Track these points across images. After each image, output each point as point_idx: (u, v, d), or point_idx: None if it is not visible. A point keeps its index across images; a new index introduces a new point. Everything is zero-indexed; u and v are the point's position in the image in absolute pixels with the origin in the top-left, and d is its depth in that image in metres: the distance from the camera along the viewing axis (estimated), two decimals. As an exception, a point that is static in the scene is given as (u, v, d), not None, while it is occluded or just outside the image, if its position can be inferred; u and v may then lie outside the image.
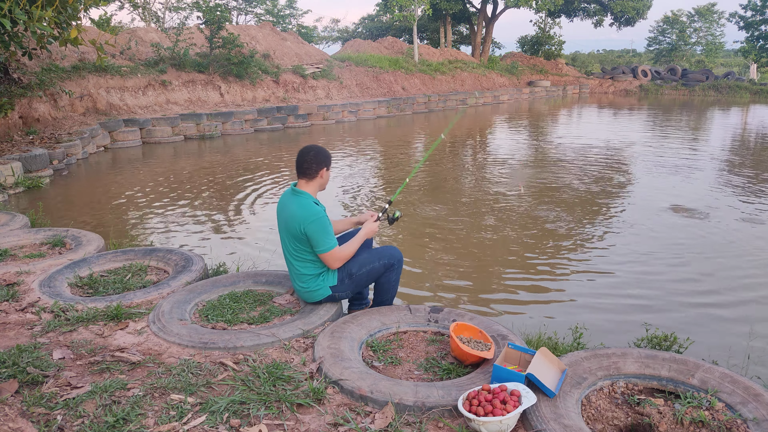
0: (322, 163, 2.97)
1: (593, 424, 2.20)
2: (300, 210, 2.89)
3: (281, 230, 3.05)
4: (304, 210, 2.88)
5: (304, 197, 2.95)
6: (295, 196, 2.97)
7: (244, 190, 7.85)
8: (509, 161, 10.32)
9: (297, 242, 2.95)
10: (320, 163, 2.96)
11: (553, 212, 6.63)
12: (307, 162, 2.95)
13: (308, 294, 3.07)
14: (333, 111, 17.13)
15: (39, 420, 2.08)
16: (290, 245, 2.99)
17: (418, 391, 2.26)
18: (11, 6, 5.79)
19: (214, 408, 2.17)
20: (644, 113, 19.92)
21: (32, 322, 2.96)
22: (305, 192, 2.97)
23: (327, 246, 2.90)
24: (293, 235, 2.93)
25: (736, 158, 10.58)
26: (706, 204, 6.95)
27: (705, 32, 45.39)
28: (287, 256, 3.06)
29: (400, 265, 3.14)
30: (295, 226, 2.89)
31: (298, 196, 2.96)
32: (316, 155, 2.96)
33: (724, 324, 3.86)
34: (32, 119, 10.26)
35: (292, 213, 2.91)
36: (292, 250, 3.00)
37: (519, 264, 4.96)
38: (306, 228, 2.86)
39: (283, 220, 2.99)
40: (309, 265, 3.00)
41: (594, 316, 3.95)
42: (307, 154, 2.96)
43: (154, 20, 23.56)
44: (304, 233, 2.88)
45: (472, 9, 31.50)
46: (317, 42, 39.07)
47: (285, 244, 3.05)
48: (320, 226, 2.86)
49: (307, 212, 2.87)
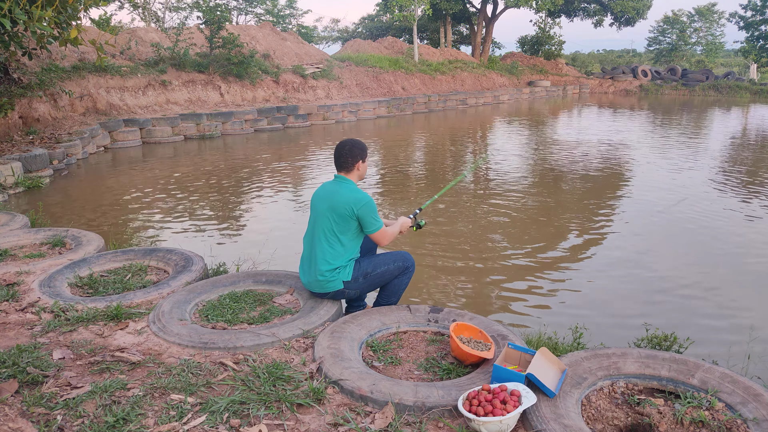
0: (357, 156, 3.10)
1: (593, 424, 2.20)
2: (352, 194, 3.04)
3: (320, 214, 3.10)
4: (356, 194, 3.04)
5: (350, 183, 3.12)
6: (341, 183, 3.12)
7: (244, 190, 7.85)
8: (509, 160, 10.32)
9: (343, 222, 3.03)
10: (355, 156, 3.09)
11: (553, 212, 6.63)
12: (343, 156, 3.10)
13: (319, 283, 3.09)
14: (333, 111, 17.12)
15: (39, 420, 2.08)
16: (332, 225, 3.05)
17: (418, 391, 2.26)
18: (11, 6, 5.78)
19: (214, 408, 2.17)
20: (644, 113, 19.91)
21: (32, 322, 2.96)
22: (350, 179, 3.13)
23: (378, 225, 3.06)
24: (341, 215, 3.02)
25: (736, 157, 10.57)
26: (706, 203, 6.95)
27: (705, 32, 45.40)
28: (317, 240, 3.09)
29: (413, 270, 3.23)
30: (346, 207, 3.00)
31: (344, 182, 3.12)
32: (351, 149, 3.10)
33: (724, 324, 3.86)
34: (32, 119, 10.26)
35: (343, 197, 3.03)
36: (330, 229, 3.05)
37: (519, 264, 4.96)
38: (359, 209, 2.99)
39: (330, 203, 3.07)
40: (337, 250, 3.05)
41: (594, 316, 3.95)
42: (343, 149, 3.11)
43: (154, 20, 23.55)
44: (356, 215, 3.01)
45: (472, 9, 31.49)
46: (317, 42, 39.07)
47: (321, 225, 3.08)
48: (372, 209, 3.03)
49: (360, 195, 3.03)
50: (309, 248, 3.16)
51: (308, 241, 3.18)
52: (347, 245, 3.07)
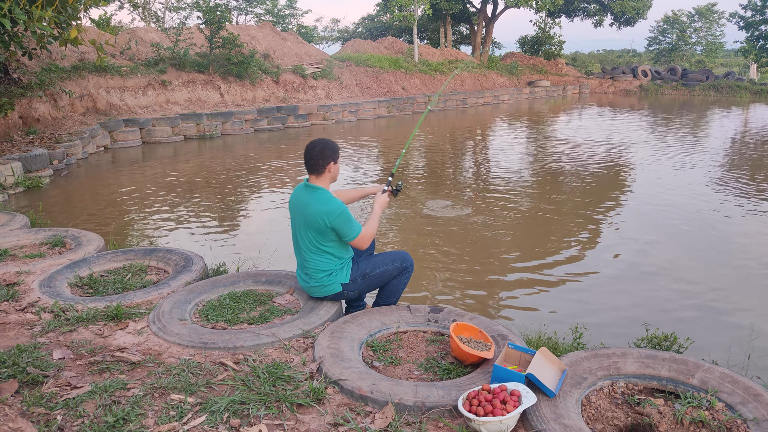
0: (328, 158, 2.93)
1: (593, 424, 2.20)
2: (322, 205, 2.89)
3: (298, 226, 3.02)
4: (326, 205, 2.88)
5: (320, 192, 2.94)
6: (310, 192, 2.95)
7: (244, 190, 7.85)
8: (510, 160, 10.32)
9: (320, 236, 2.94)
10: (326, 158, 2.93)
11: (553, 212, 6.63)
12: (314, 158, 2.93)
13: (316, 289, 3.07)
14: (333, 111, 17.12)
15: (39, 420, 2.08)
16: (312, 239, 2.96)
17: (418, 391, 2.26)
18: (11, 6, 5.78)
19: (214, 408, 2.17)
20: (644, 113, 19.91)
21: (32, 322, 2.96)
22: (320, 187, 2.96)
23: (355, 232, 2.92)
24: (317, 229, 2.92)
25: (737, 156, 10.57)
26: (707, 203, 6.95)
27: (705, 32, 45.41)
28: (304, 251, 3.03)
29: (411, 270, 3.18)
30: (319, 221, 2.89)
31: (313, 191, 2.95)
32: (321, 150, 2.92)
33: (724, 324, 3.86)
34: (32, 119, 10.26)
35: (314, 209, 2.90)
36: (311, 245, 2.98)
37: (519, 264, 4.95)
38: (332, 222, 2.87)
39: (303, 216, 2.97)
40: (328, 258, 2.99)
41: (594, 316, 3.95)
42: (313, 150, 2.93)
43: (154, 20, 23.56)
44: (330, 227, 2.89)
45: (472, 9, 31.50)
46: (317, 42, 39.08)
47: (303, 239, 3.01)
48: (345, 218, 2.88)
49: (331, 206, 2.88)
50: (299, 257, 3.10)
51: (297, 250, 3.10)
52: (336, 252, 3.00)
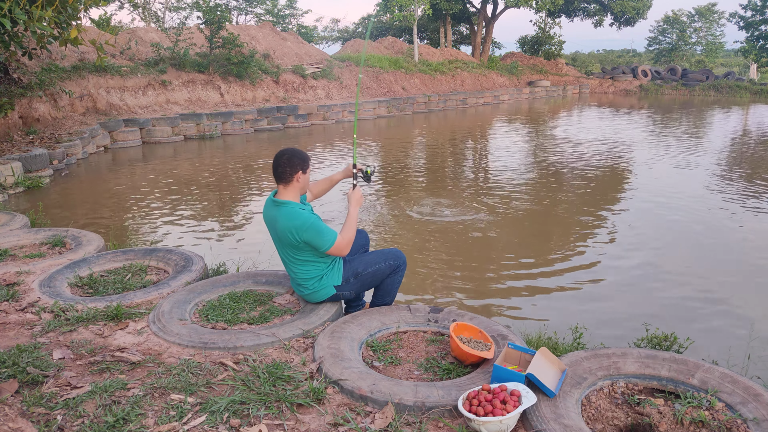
0: (296, 167, 2.86)
1: (593, 424, 2.20)
2: (289, 221, 2.83)
3: (275, 241, 3.02)
4: (293, 220, 2.82)
5: (287, 206, 2.87)
6: (278, 208, 2.89)
7: (244, 190, 7.85)
8: (510, 160, 10.32)
9: (296, 250, 2.92)
10: (294, 167, 2.86)
11: (553, 211, 6.63)
12: (281, 167, 2.86)
13: (310, 296, 3.07)
14: (333, 111, 17.13)
15: (39, 420, 2.08)
16: (289, 253, 2.96)
17: (418, 391, 2.26)
18: (11, 6, 5.78)
19: (214, 408, 2.17)
20: (644, 113, 19.91)
21: (32, 322, 2.96)
22: (286, 201, 2.89)
23: (329, 242, 2.83)
24: (290, 245, 2.90)
25: (736, 157, 10.57)
26: (707, 203, 6.95)
27: (705, 32, 45.41)
28: (287, 264, 3.04)
29: (405, 268, 3.16)
30: (290, 237, 2.85)
31: (280, 206, 2.88)
32: (289, 159, 2.85)
33: (724, 324, 3.86)
34: (32, 119, 10.26)
35: (283, 226, 2.85)
36: (291, 258, 2.98)
37: (519, 264, 4.95)
38: (302, 236, 2.82)
39: (275, 233, 2.94)
40: (310, 267, 2.99)
41: (594, 316, 3.95)
42: (280, 159, 2.86)
43: (154, 20, 23.56)
44: (301, 241, 2.85)
45: (472, 9, 31.50)
46: (317, 42, 39.07)
47: (282, 254, 3.03)
48: (316, 230, 2.80)
49: (298, 221, 2.81)
50: (287, 269, 3.08)
51: (282, 260, 3.07)
52: (319, 260, 2.97)
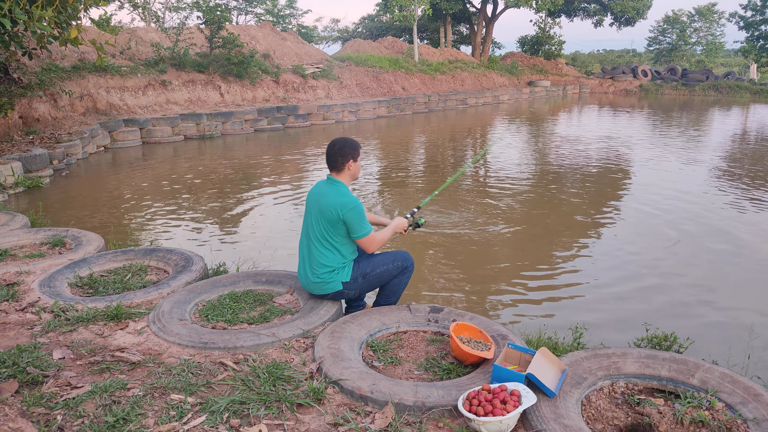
0: (348, 156, 3.02)
1: (593, 424, 2.20)
2: (339, 197, 2.97)
3: (312, 217, 3.08)
4: (343, 197, 2.97)
5: (340, 186, 3.04)
6: (331, 185, 3.05)
7: (244, 190, 7.85)
8: (510, 160, 10.32)
9: (331, 227, 3.00)
10: (346, 156, 3.02)
11: (553, 211, 6.63)
12: (334, 155, 3.03)
13: (317, 285, 3.08)
14: (333, 111, 17.12)
15: (39, 420, 2.08)
16: (322, 230, 3.02)
17: (418, 391, 2.26)
18: (11, 6, 5.78)
19: (214, 408, 2.17)
20: (645, 113, 19.91)
21: (32, 322, 2.96)
22: (340, 181, 3.05)
23: (364, 231, 2.98)
24: (329, 220, 2.98)
25: (737, 156, 10.57)
26: (707, 203, 6.95)
27: (705, 32, 45.37)
28: (313, 242, 3.07)
29: (412, 270, 3.21)
30: (333, 211, 2.95)
31: (334, 184, 3.05)
32: (341, 148, 3.02)
33: (724, 324, 3.86)
34: (32, 119, 10.26)
35: (331, 200, 2.97)
36: (321, 235, 3.03)
37: (519, 264, 4.95)
38: (345, 214, 2.93)
39: (318, 207, 3.04)
40: (332, 255, 3.03)
41: (594, 316, 3.95)
42: (333, 148, 3.04)
43: (154, 20, 23.55)
44: (342, 219, 2.95)
45: (472, 9, 31.48)
46: (317, 42, 39.04)
47: (314, 230, 3.06)
48: (358, 213, 2.95)
49: (347, 199, 2.96)
50: (306, 251, 3.13)
51: (304, 243, 3.15)
52: (342, 248, 3.05)
